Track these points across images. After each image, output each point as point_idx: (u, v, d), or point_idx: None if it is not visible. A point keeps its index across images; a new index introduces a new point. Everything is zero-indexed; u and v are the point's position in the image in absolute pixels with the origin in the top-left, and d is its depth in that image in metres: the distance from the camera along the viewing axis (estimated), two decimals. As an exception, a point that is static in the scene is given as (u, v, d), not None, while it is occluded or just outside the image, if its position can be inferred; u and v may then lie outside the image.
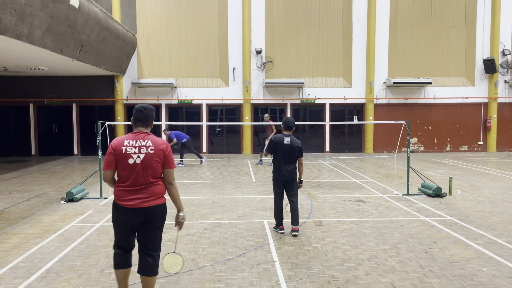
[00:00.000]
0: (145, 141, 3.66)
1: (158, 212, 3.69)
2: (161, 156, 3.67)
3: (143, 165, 3.60)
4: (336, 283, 4.47)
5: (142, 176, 3.61)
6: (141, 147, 3.63)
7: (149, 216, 3.65)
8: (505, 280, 4.54)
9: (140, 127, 3.76)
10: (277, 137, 6.27)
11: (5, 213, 7.73)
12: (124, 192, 3.63)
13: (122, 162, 3.62)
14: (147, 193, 3.62)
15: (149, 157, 3.62)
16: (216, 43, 18.57)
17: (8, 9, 8.43)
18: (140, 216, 3.63)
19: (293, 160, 6.21)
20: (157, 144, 3.68)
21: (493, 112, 19.08)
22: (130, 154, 3.61)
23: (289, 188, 6.25)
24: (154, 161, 3.63)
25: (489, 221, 6.94)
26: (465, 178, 11.56)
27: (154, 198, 3.65)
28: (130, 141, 3.66)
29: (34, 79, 17.98)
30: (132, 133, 3.74)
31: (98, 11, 13.01)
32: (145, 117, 3.78)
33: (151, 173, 3.63)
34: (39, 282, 4.53)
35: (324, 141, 19.22)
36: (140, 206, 3.60)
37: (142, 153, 3.62)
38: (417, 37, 18.91)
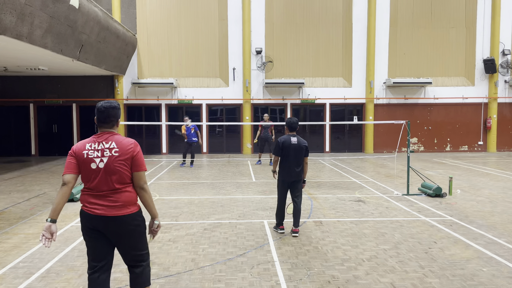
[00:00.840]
0: (109, 143, 3.28)
1: (127, 222, 3.28)
2: (128, 158, 3.27)
3: (106, 169, 3.23)
4: (336, 283, 4.47)
5: (106, 181, 3.23)
6: (104, 150, 3.25)
7: (117, 226, 3.26)
8: (505, 280, 4.54)
9: (104, 128, 3.35)
10: (283, 138, 6.18)
11: (5, 213, 7.73)
12: (89, 197, 3.28)
13: (85, 167, 3.25)
14: (112, 200, 3.24)
15: (113, 160, 3.23)
16: (216, 43, 18.57)
17: (8, 9, 8.43)
18: (108, 225, 3.25)
19: (301, 160, 6.17)
20: (123, 145, 3.28)
21: (493, 112, 19.08)
22: (92, 159, 3.24)
23: (294, 189, 6.23)
24: (119, 165, 3.24)
25: (489, 221, 6.94)
26: (465, 178, 11.56)
27: (120, 207, 3.25)
28: (92, 144, 3.28)
29: (34, 79, 17.98)
30: (94, 136, 3.35)
31: (98, 11, 13.01)
32: (106, 117, 3.33)
33: (116, 178, 3.24)
34: (39, 282, 4.53)
35: (324, 141, 19.22)
36: (105, 214, 3.22)
37: (106, 156, 3.24)
38: (417, 37, 18.92)
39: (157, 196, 9.24)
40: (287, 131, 6.30)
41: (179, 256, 5.31)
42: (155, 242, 5.89)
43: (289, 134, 6.24)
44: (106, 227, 3.26)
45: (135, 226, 3.34)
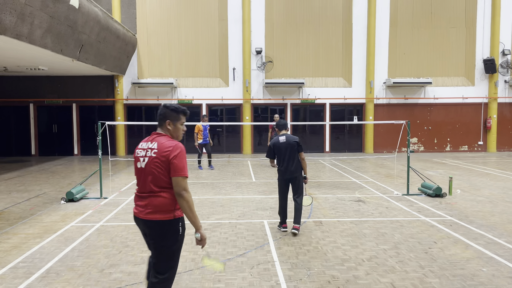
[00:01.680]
0: (152, 143, 3.25)
1: (153, 228, 3.20)
2: (163, 161, 3.15)
3: (145, 170, 3.22)
4: (336, 283, 4.47)
5: (144, 182, 3.22)
6: (147, 150, 3.25)
7: (147, 230, 3.25)
8: (505, 280, 4.54)
9: (158, 128, 3.39)
10: (273, 141, 6.42)
11: (5, 213, 7.73)
12: (135, 196, 3.35)
13: (135, 165, 3.34)
14: (147, 203, 3.20)
15: (150, 161, 3.19)
16: (216, 43, 18.57)
17: (8, 9, 8.43)
18: (141, 226, 3.30)
19: (294, 157, 6.27)
20: (162, 147, 3.19)
21: (493, 112, 19.08)
22: (138, 157, 3.29)
23: (294, 187, 6.33)
24: (154, 166, 3.16)
25: (489, 221, 6.94)
26: (465, 178, 11.56)
27: (152, 212, 3.17)
28: (143, 144, 3.34)
29: (34, 79, 17.98)
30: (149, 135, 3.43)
31: (98, 11, 13.01)
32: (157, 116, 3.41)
33: (151, 180, 3.18)
34: (39, 282, 4.53)
35: (324, 141, 19.22)
36: (139, 216, 3.24)
37: (147, 156, 3.22)
38: (417, 37, 18.91)
39: (157, 196, 9.23)
40: (278, 133, 6.51)
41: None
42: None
43: (279, 134, 6.45)
44: (143, 228, 3.29)
45: (161, 234, 3.20)
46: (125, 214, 7.58)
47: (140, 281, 4.55)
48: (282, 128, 6.50)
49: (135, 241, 5.93)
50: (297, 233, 6.16)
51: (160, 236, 3.20)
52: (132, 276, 4.67)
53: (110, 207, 8.12)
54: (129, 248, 5.65)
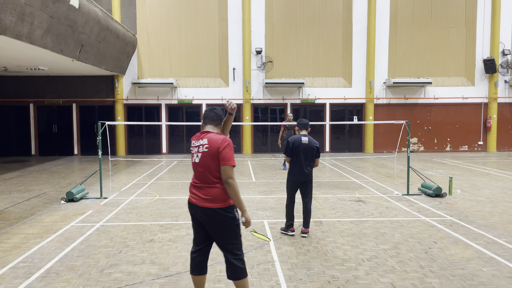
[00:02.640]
0: (203, 140, 3.67)
1: (213, 216, 3.59)
2: (215, 153, 3.58)
3: (200, 164, 3.64)
4: (336, 283, 4.47)
5: (201, 175, 3.64)
6: (199, 146, 3.67)
7: (206, 218, 3.62)
8: (505, 280, 4.54)
9: (208, 126, 3.77)
10: (294, 138, 6.11)
11: (5, 213, 7.73)
12: (191, 187, 3.74)
13: (191, 160, 3.77)
14: (204, 193, 3.62)
15: (204, 156, 3.62)
16: (216, 43, 18.57)
17: (8, 9, 8.43)
18: (200, 214, 3.65)
19: (312, 160, 6.10)
20: (213, 141, 3.61)
21: (493, 112, 19.08)
22: (193, 154, 3.73)
23: (305, 190, 6.14)
24: (209, 159, 3.59)
25: (489, 221, 6.94)
26: (465, 178, 11.56)
27: (209, 200, 3.58)
28: (194, 142, 3.76)
29: (34, 79, 17.99)
30: (198, 133, 3.80)
31: (98, 11, 13.01)
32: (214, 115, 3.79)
33: (209, 173, 3.60)
34: (39, 282, 4.53)
35: (324, 141, 19.22)
36: (197, 204, 3.63)
37: (200, 152, 3.65)
38: (417, 37, 18.92)
39: (157, 196, 9.25)
40: (298, 131, 6.27)
41: (179, 256, 5.31)
42: (155, 242, 5.90)
43: (300, 134, 6.18)
44: (199, 215, 3.66)
45: (221, 220, 3.60)
46: (125, 214, 7.59)
47: (140, 281, 4.55)
48: (304, 128, 6.22)
49: (135, 241, 5.94)
50: (307, 236, 6.09)
51: (220, 222, 3.61)
52: (132, 276, 4.67)
53: (110, 207, 8.12)
54: (129, 248, 5.65)
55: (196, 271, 3.83)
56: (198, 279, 3.85)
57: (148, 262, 5.09)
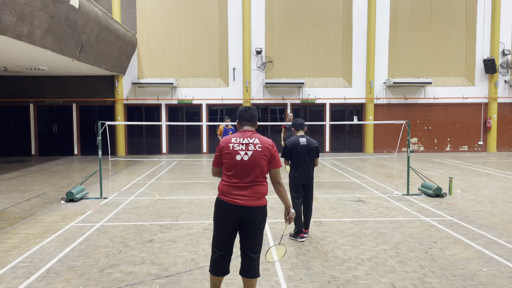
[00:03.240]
0: (253, 139, 3.69)
1: (258, 213, 3.65)
2: (267, 154, 3.67)
3: (251, 162, 3.62)
4: (336, 283, 4.47)
5: (249, 173, 3.62)
6: (248, 145, 3.65)
7: (250, 216, 3.62)
8: (505, 280, 4.54)
9: (246, 126, 3.80)
10: (292, 140, 6.02)
11: (5, 213, 7.73)
12: (229, 188, 3.64)
13: (230, 158, 3.65)
14: (251, 191, 3.61)
15: (256, 154, 3.63)
16: (216, 43, 18.57)
17: (8, 9, 8.43)
18: (243, 215, 3.60)
19: (312, 161, 6.01)
20: (264, 142, 3.70)
21: (493, 112, 19.08)
22: (237, 151, 3.64)
23: (307, 192, 6.04)
24: (261, 159, 3.64)
25: (489, 221, 6.94)
26: (465, 178, 11.56)
27: (256, 198, 3.63)
28: (237, 139, 3.70)
29: (34, 79, 17.99)
30: (239, 132, 3.78)
31: (98, 11, 13.01)
32: (250, 116, 3.83)
33: (258, 170, 3.63)
34: (39, 282, 4.53)
35: (324, 141, 19.22)
36: (243, 204, 3.58)
37: (250, 150, 3.64)
38: (417, 37, 18.92)
39: (157, 196, 9.25)
40: (295, 132, 6.15)
41: (179, 256, 5.31)
42: (155, 242, 5.90)
43: (297, 135, 6.09)
44: (243, 216, 3.61)
45: (264, 217, 3.72)
46: (125, 214, 7.58)
47: (140, 281, 4.55)
48: (300, 128, 6.12)
49: (135, 241, 5.94)
50: (307, 237, 6.06)
51: (262, 219, 3.71)
52: (132, 276, 4.67)
53: (110, 207, 8.12)
54: (129, 248, 5.65)
55: (221, 273, 3.78)
56: (219, 279, 3.84)
57: (148, 262, 5.09)
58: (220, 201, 3.67)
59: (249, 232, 3.68)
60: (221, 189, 3.69)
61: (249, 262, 3.71)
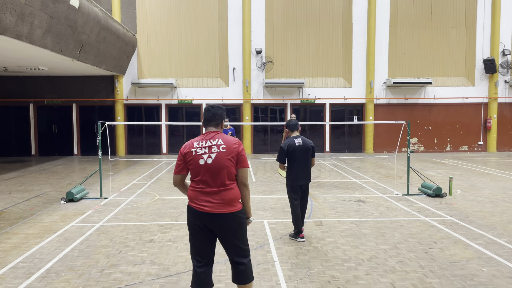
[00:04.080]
0: (216, 140, 3.45)
1: (230, 220, 3.41)
2: (234, 154, 3.42)
3: (215, 165, 3.37)
4: (336, 283, 4.47)
5: (215, 177, 3.38)
6: (211, 147, 3.42)
7: (224, 223, 3.40)
8: (505, 280, 4.53)
9: (210, 127, 3.56)
10: (288, 142, 5.91)
11: (5, 213, 7.73)
12: (197, 194, 3.43)
13: (194, 164, 3.42)
14: (220, 197, 3.38)
15: (221, 156, 3.39)
16: (216, 43, 18.57)
17: (8, 9, 8.43)
18: (215, 222, 3.39)
19: (310, 161, 5.98)
20: (229, 142, 3.45)
21: (493, 112, 19.08)
22: (200, 155, 3.40)
23: (304, 192, 6.02)
24: (226, 160, 3.39)
25: (489, 221, 6.94)
26: (465, 178, 11.56)
27: (226, 205, 3.39)
28: (199, 142, 3.46)
29: (34, 79, 17.99)
30: (201, 135, 3.55)
31: (98, 11, 13.01)
32: (212, 115, 3.56)
33: (225, 173, 3.39)
34: (39, 282, 4.53)
35: (324, 141, 19.21)
36: (211, 211, 3.36)
37: (214, 152, 3.40)
38: (417, 37, 18.92)
39: (157, 196, 9.24)
40: (290, 134, 6.09)
41: (179, 256, 5.31)
42: (155, 242, 5.89)
43: (292, 136, 6.04)
44: (213, 223, 3.40)
45: (239, 223, 3.47)
46: (125, 214, 7.58)
47: (140, 281, 4.55)
48: (295, 129, 6.03)
49: (135, 241, 5.93)
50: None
51: (238, 226, 3.46)
52: (132, 276, 4.67)
53: (110, 207, 8.12)
54: (129, 248, 5.65)
55: (203, 286, 3.50)
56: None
57: (148, 262, 5.09)
58: (190, 208, 3.47)
59: (226, 239, 3.46)
60: (189, 195, 3.48)
61: (240, 268, 3.52)
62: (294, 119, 6.15)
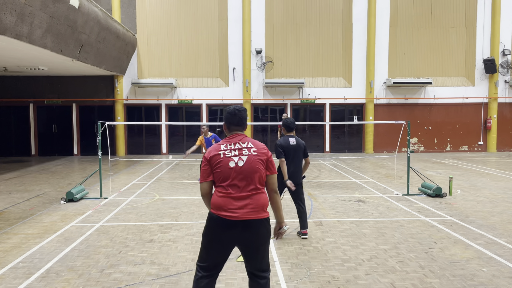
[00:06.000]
0: (245, 143, 3.24)
1: (262, 227, 3.16)
2: (264, 158, 3.23)
3: (247, 167, 3.14)
4: (336, 283, 4.46)
5: (248, 181, 3.14)
6: (242, 149, 3.20)
7: (253, 231, 3.14)
8: (505, 280, 4.53)
9: (235, 131, 3.33)
10: (282, 140, 5.95)
11: (5, 213, 7.73)
12: (227, 200, 3.12)
13: (223, 167, 3.14)
14: (253, 202, 3.13)
15: (252, 159, 3.17)
16: (216, 43, 18.57)
17: (8, 9, 8.43)
18: (245, 230, 3.12)
19: (301, 161, 6.02)
20: (258, 146, 3.27)
21: (493, 112, 19.08)
22: (230, 158, 3.15)
23: (297, 191, 6.03)
24: (258, 163, 3.18)
25: (489, 221, 6.94)
26: (465, 178, 11.56)
27: (260, 210, 3.15)
28: (227, 145, 3.22)
29: (34, 79, 17.98)
30: (228, 138, 3.31)
31: (98, 11, 13.00)
32: (239, 119, 3.32)
33: (257, 177, 3.16)
34: (39, 282, 4.53)
35: (324, 141, 19.21)
36: (245, 218, 3.10)
37: (244, 155, 3.18)
38: (417, 37, 18.92)
39: (157, 196, 9.24)
40: (284, 132, 6.09)
41: (179, 256, 5.31)
42: (155, 242, 5.89)
43: (287, 135, 6.05)
44: (245, 232, 3.13)
45: (268, 231, 3.23)
46: (125, 214, 7.58)
47: (140, 281, 4.55)
48: (292, 128, 6.05)
49: (135, 241, 5.93)
50: (307, 237, 5.99)
51: (267, 234, 3.21)
52: (132, 276, 4.67)
53: (110, 207, 8.12)
54: (129, 248, 5.65)
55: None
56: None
57: (148, 262, 5.09)
58: (216, 218, 3.14)
59: (254, 250, 3.20)
60: (216, 203, 3.15)
61: (261, 283, 3.26)
62: (292, 118, 6.16)
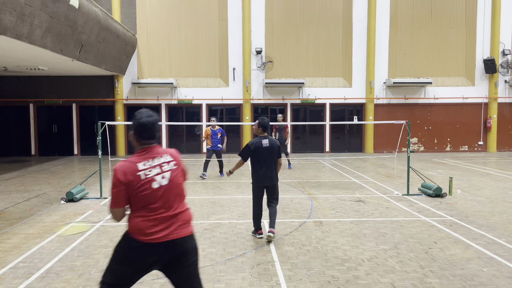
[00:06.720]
0: (164, 156, 2.91)
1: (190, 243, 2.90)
2: (181, 169, 2.99)
3: (172, 185, 2.87)
4: (336, 283, 4.46)
5: (173, 198, 2.87)
6: (161, 165, 2.86)
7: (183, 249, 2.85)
8: (505, 280, 4.53)
9: (148, 144, 2.92)
10: (254, 141, 5.90)
11: (5, 213, 7.73)
12: (151, 222, 2.77)
13: (147, 190, 2.78)
14: (176, 220, 2.85)
15: (175, 174, 2.91)
16: (216, 43, 18.57)
17: (8, 9, 8.43)
18: (176, 251, 2.83)
19: (274, 162, 5.94)
20: (174, 154, 2.98)
21: (493, 112, 19.08)
22: (152, 178, 2.80)
23: (272, 193, 6.00)
24: (180, 177, 2.96)
25: (489, 221, 6.94)
26: (465, 178, 11.56)
27: (186, 225, 2.90)
28: (145, 163, 2.82)
29: (34, 79, 17.98)
30: (142, 151, 2.88)
31: (98, 11, 13.00)
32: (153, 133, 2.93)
33: (178, 192, 2.91)
34: (39, 282, 4.53)
35: (324, 141, 19.21)
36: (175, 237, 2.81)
37: (165, 171, 2.86)
38: (417, 37, 18.91)
39: (157, 196, 9.22)
40: (259, 133, 6.00)
41: (179, 256, 5.30)
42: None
43: (260, 136, 5.99)
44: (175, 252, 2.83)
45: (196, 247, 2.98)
46: (125, 214, 7.57)
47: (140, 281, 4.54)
48: (265, 129, 5.98)
49: (135, 241, 5.92)
50: (273, 236, 5.83)
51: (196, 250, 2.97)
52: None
53: (110, 207, 8.11)
54: (129, 248, 5.64)
55: None
56: None
57: (148, 262, 5.08)
58: (137, 243, 2.77)
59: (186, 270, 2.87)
60: (138, 227, 2.77)
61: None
62: (267, 119, 6.07)
